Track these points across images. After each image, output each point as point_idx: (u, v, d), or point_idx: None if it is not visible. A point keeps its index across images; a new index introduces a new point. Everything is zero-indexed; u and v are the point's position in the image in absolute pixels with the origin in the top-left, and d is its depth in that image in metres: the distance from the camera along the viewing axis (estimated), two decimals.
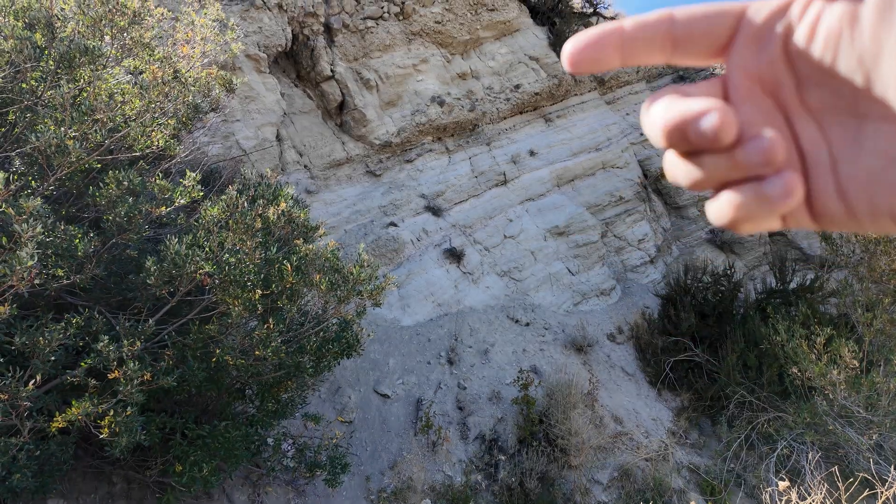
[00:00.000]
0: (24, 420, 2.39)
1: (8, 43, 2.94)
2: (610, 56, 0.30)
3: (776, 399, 5.28)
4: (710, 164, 0.27)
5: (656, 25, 0.30)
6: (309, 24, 6.54)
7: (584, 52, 0.30)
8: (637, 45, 0.30)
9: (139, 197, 2.91)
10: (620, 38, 0.30)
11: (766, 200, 0.26)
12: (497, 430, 4.65)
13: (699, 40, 0.30)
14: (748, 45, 0.29)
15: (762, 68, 0.29)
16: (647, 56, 0.30)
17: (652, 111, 0.29)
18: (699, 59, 0.31)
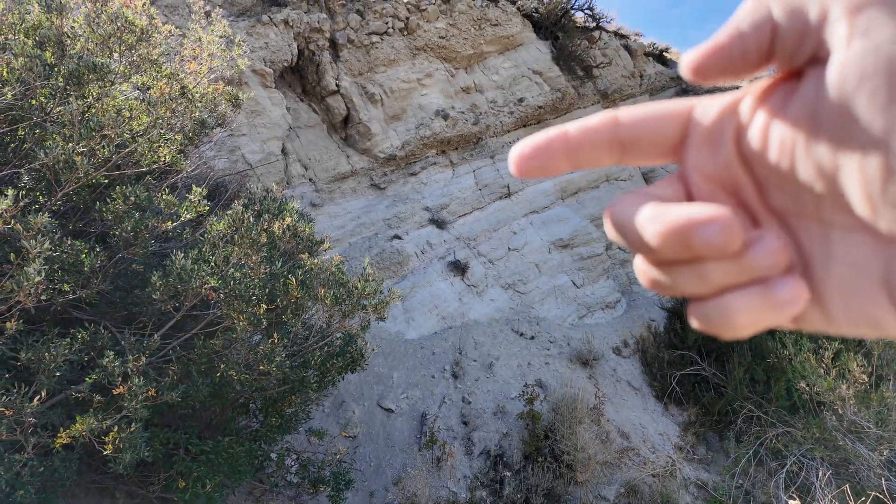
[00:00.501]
0: (28, 436, 2.38)
1: (18, 61, 2.99)
2: (557, 162, 0.29)
3: (784, 414, 5.22)
4: (707, 271, 0.26)
5: (601, 130, 0.29)
6: (314, 39, 6.61)
7: (531, 160, 0.30)
8: (584, 151, 0.29)
9: (146, 212, 2.93)
10: (566, 144, 0.29)
11: (778, 304, 0.25)
12: (502, 446, 4.61)
13: (647, 143, 0.29)
14: (700, 147, 0.28)
15: (719, 170, 0.28)
16: (595, 160, 0.30)
17: (634, 216, 0.27)
18: (650, 160, 0.30)
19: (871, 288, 0.23)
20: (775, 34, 0.24)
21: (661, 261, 0.27)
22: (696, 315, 0.27)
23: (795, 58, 0.24)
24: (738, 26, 0.25)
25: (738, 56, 0.25)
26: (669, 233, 0.25)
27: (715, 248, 0.24)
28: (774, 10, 0.24)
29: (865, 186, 0.22)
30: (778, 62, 0.25)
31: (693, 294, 0.27)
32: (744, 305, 0.25)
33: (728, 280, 0.25)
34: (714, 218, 0.24)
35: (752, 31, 0.25)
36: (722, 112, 0.28)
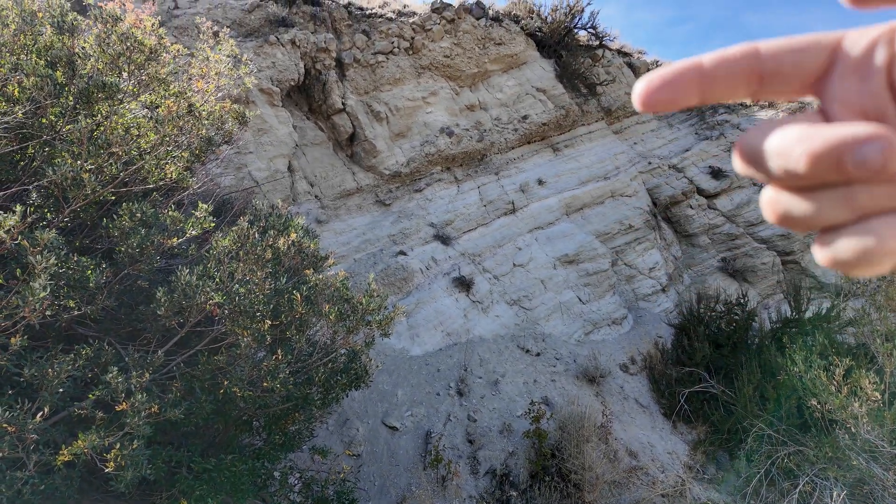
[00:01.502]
0: (30, 453, 2.36)
1: (30, 80, 3.04)
2: (688, 94, 0.29)
3: (796, 432, 5.12)
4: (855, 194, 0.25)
5: (740, 60, 0.28)
6: (321, 59, 6.71)
7: (660, 92, 0.29)
8: (719, 82, 0.28)
9: (151, 228, 2.94)
10: (700, 74, 0.28)
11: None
12: (508, 465, 4.54)
13: (789, 75, 0.28)
14: (847, 78, 0.27)
15: (865, 101, 0.27)
16: (729, 93, 0.29)
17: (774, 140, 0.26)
18: (787, 93, 0.29)
19: None
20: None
21: (801, 187, 0.26)
22: (831, 245, 0.26)
23: None
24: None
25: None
26: (823, 152, 0.24)
27: (874, 167, 0.23)
28: None
29: None
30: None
31: (832, 223, 0.26)
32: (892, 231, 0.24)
33: (877, 204, 0.24)
34: (875, 136, 0.23)
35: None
36: (875, 40, 0.27)
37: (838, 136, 0.23)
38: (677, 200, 9.07)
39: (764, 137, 0.26)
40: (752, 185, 9.31)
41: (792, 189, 0.26)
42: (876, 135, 0.23)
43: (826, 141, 0.24)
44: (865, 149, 0.23)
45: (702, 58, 0.29)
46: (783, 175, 0.26)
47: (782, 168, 0.25)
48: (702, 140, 9.85)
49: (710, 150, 9.58)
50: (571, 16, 9.00)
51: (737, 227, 8.99)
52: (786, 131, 0.26)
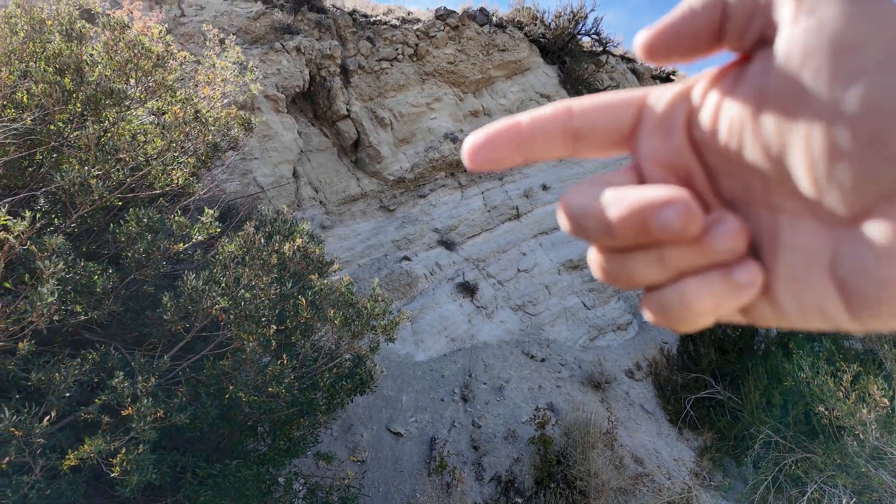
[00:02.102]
0: (36, 457, 2.37)
1: (38, 87, 3.07)
2: (510, 154, 0.29)
3: (803, 439, 5.08)
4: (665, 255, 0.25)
5: (554, 120, 0.29)
6: (326, 65, 6.75)
7: (482, 153, 0.29)
8: (537, 142, 0.29)
9: (158, 234, 2.96)
10: (518, 135, 0.29)
11: (737, 288, 0.24)
12: (513, 471, 4.52)
13: (601, 132, 0.29)
14: (653, 134, 0.28)
15: (671, 157, 0.27)
16: (548, 151, 0.29)
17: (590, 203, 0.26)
18: (603, 150, 0.30)
19: (819, 276, 0.23)
20: (725, 12, 0.24)
21: (618, 248, 0.27)
22: (653, 304, 0.26)
23: (745, 38, 0.24)
24: (690, 4, 0.25)
25: (689, 35, 0.26)
26: (628, 216, 0.24)
27: (674, 230, 0.23)
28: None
29: (811, 165, 0.21)
30: (728, 43, 0.25)
31: (650, 282, 0.26)
32: (703, 289, 0.25)
33: (687, 264, 0.25)
34: (673, 199, 0.23)
35: (703, 9, 0.25)
36: (675, 97, 0.28)
37: (640, 201, 0.24)
38: None
39: (583, 198, 0.27)
40: None
41: (612, 250, 0.27)
42: (673, 198, 0.23)
43: (630, 205, 0.24)
44: (665, 213, 0.23)
45: (520, 117, 0.29)
46: (599, 237, 0.26)
47: (596, 231, 0.26)
48: None
49: None
50: (575, 22, 9.03)
51: None
52: (600, 194, 0.26)
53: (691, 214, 0.23)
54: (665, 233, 0.23)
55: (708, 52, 0.26)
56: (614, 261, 0.27)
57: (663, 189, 0.24)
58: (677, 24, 0.26)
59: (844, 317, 0.22)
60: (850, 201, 0.21)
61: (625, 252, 0.26)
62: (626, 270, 0.27)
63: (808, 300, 0.23)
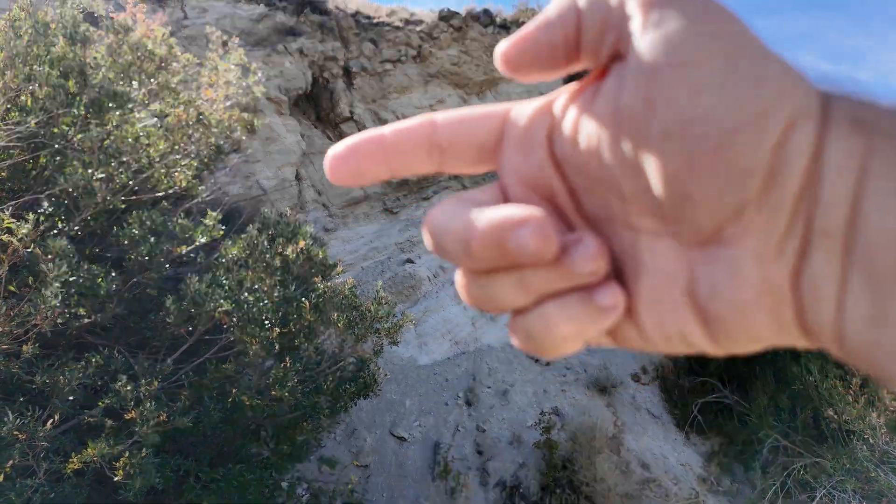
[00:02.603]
0: (40, 461, 2.36)
1: (42, 90, 3.07)
2: (373, 167, 0.28)
3: (812, 443, 5.05)
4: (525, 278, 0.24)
5: (418, 132, 0.28)
6: (329, 67, 6.77)
7: (346, 164, 0.28)
8: (400, 154, 0.28)
9: (161, 236, 2.96)
10: (381, 146, 0.27)
11: (599, 311, 0.23)
12: (519, 476, 4.50)
13: (464, 147, 0.28)
14: (516, 150, 0.27)
15: (533, 174, 0.26)
16: (413, 165, 0.28)
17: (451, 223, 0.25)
18: (470, 166, 0.29)
19: (678, 300, 0.22)
20: (580, 24, 0.24)
21: (480, 271, 0.25)
22: (517, 330, 0.25)
23: (600, 51, 0.24)
24: (546, 14, 0.25)
25: (546, 47, 0.25)
26: (485, 237, 0.23)
27: (530, 251, 0.22)
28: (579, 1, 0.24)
29: (663, 183, 0.21)
30: (585, 56, 0.25)
31: (514, 306, 0.25)
32: (564, 313, 0.24)
33: (547, 287, 0.24)
34: (527, 219, 0.22)
35: (559, 20, 0.24)
36: (536, 112, 0.27)
37: (495, 221, 0.23)
38: None
39: (444, 217, 0.26)
40: None
41: (474, 272, 0.26)
42: (526, 218, 0.22)
43: (486, 226, 0.23)
44: (519, 233, 0.22)
45: (384, 129, 0.28)
46: (459, 259, 0.25)
47: (457, 251, 0.25)
48: None
49: None
50: None
51: None
52: (459, 213, 0.25)
53: (545, 235, 0.22)
54: (520, 254, 0.22)
55: (567, 67, 0.25)
56: (477, 283, 0.26)
57: (518, 208, 0.23)
58: (533, 35, 0.25)
59: (705, 341, 0.22)
60: (701, 221, 0.21)
61: (487, 274, 0.25)
62: (489, 293, 0.26)
63: (670, 324, 0.23)
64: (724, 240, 0.21)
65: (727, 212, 0.20)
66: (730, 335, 0.21)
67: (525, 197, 0.27)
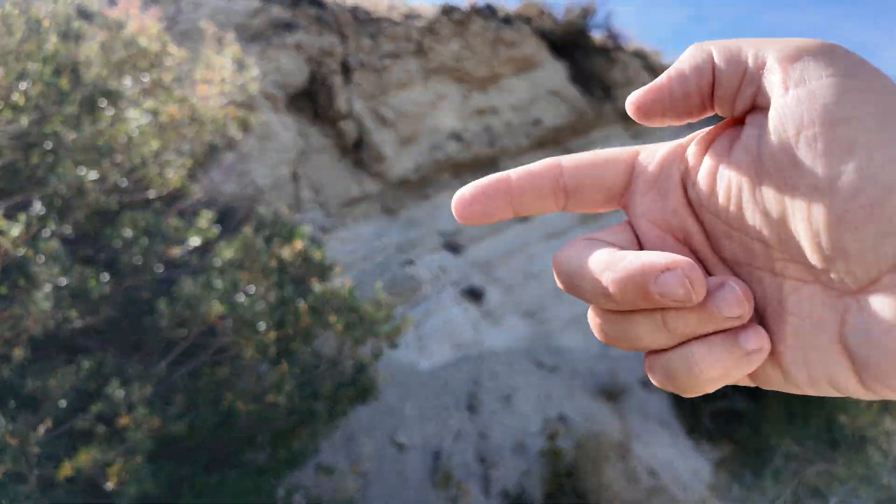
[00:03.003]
0: (32, 467, 2.35)
1: (35, 88, 3.08)
2: (499, 208, 0.29)
3: (825, 450, 5.07)
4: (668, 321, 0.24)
5: (543, 175, 0.29)
6: (326, 63, 6.78)
7: (473, 207, 0.29)
8: (526, 196, 0.29)
9: (154, 237, 2.98)
10: (507, 189, 0.29)
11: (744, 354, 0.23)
12: (522, 485, 4.48)
13: (591, 190, 0.29)
14: (647, 194, 0.28)
15: (667, 217, 0.27)
16: (539, 206, 0.29)
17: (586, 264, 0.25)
18: (596, 207, 0.30)
19: (828, 346, 0.22)
20: (715, 78, 0.25)
21: (617, 312, 0.26)
22: (656, 369, 0.26)
23: (737, 103, 0.25)
24: (680, 67, 0.26)
25: (680, 97, 0.26)
26: (627, 281, 0.24)
27: (676, 296, 0.22)
28: (715, 54, 0.25)
29: (813, 236, 0.21)
30: (720, 107, 0.26)
31: (653, 347, 0.26)
32: (710, 357, 0.24)
33: (690, 330, 0.24)
34: (672, 265, 0.23)
35: (693, 74, 0.25)
36: (667, 157, 0.28)
37: (638, 266, 0.23)
38: None
39: (577, 258, 0.26)
40: None
41: (611, 313, 0.26)
42: (673, 264, 0.23)
43: (627, 271, 0.24)
44: (665, 279, 0.23)
45: (510, 172, 0.30)
46: (599, 300, 0.26)
47: (595, 294, 0.25)
48: None
49: None
50: (585, 16, 9.05)
51: None
52: (596, 254, 0.26)
53: (694, 280, 0.22)
54: (666, 299, 0.23)
55: (700, 115, 0.27)
56: (613, 323, 0.27)
57: (662, 254, 0.24)
58: (667, 86, 0.26)
59: (857, 387, 0.22)
60: (856, 272, 0.21)
61: (624, 315, 0.26)
62: (627, 334, 0.26)
63: (818, 369, 0.23)
64: (882, 287, 0.21)
65: (885, 265, 0.20)
66: (886, 382, 0.21)
67: (659, 239, 0.28)
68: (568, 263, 0.27)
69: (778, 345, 0.24)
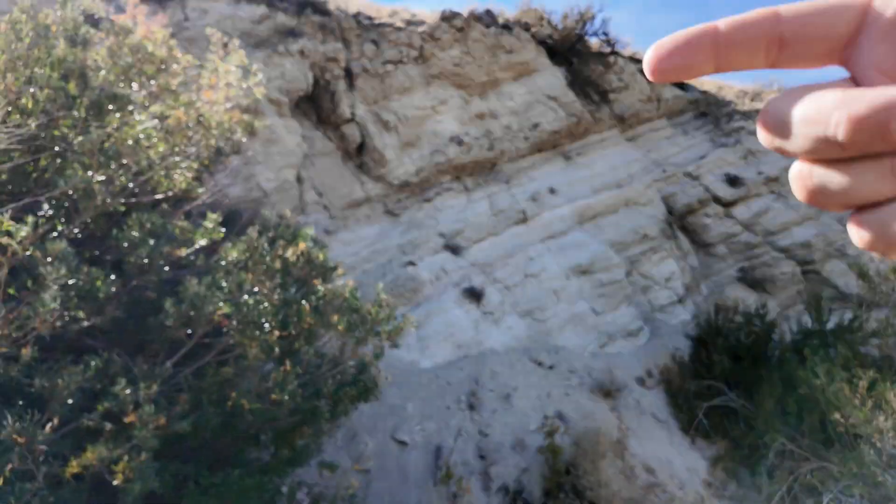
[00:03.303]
0: (39, 465, 2.35)
1: (43, 93, 3.07)
2: (703, 60, 0.26)
3: (819, 447, 5.01)
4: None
5: (760, 24, 0.26)
6: (330, 68, 6.78)
7: (672, 58, 0.26)
8: (736, 47, 0.26)
9: (160, 239, 2.96)
10: (715, 39, 0.26)
11: None
12: (521, 481, 4.47)
13: (814, 38, 0.26)
14: (881, 41, 0.25)
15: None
16: (747, 60, 0.26)
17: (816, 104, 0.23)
18: (811, 61, 0.27)
19: None
20: None
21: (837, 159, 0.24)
22: (872, 224, 0.24)
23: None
24: None
25: None
26: (867, 117, 0.21)
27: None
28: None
29: None
30: None
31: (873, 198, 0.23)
32: None
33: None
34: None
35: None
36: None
37: (885, 99, 0.21)
38: (693, 209, 8.94)
39: (794, 104, 0.24)
40: (770, 193, 9.15)
41: (826, 161, 0.24)
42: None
43: (870, 104, 0.21)
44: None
45: (717, 22, 0.27)
46: (818, 145, 0.23)
47: (817, 137, 0.23)
48: (717, 147, 9.72)
49: (727, 158, 9.44)
50: (583, 22, 9.01)
51: (755, 236, 8.83)
52: (820, 96, 0.23)
53: None
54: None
55: None
56: (833, 174, 0.24)
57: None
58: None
59: None
60: None
61: (844, 163, 0.23)
62: (847, 185, 0.24)
63: None
64: None
65: None
66: None
67: None
68: (783, 109, 0.25)
69: None
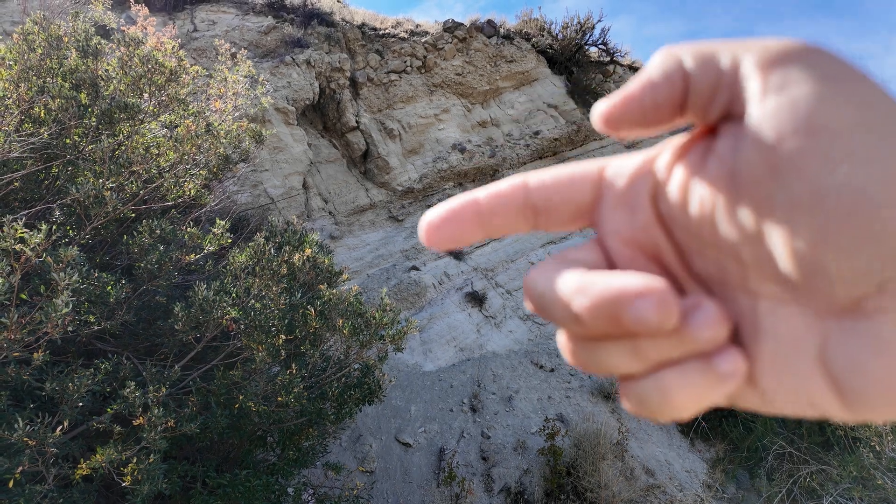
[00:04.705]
0: (49, 467, 2.39)
1: (55, 102, 3.13)
2: (470, 230, 0.27)
3: (818, 450, 4.99)
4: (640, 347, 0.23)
5: (512, 195, 0.27)
6: (335, 78, 6.83)
7: (442, 231, 0.27)
8: (496, 217, 0.27)
9: (170, 245, 2.99)
10: (477, 210, 0.27)
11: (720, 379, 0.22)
12: (523, 483, 4.47)
13: (559, 208, 0.27)
14: (616, 210, 0.26)
15: (637, 234, 0.25)
16: (510, 227, 0.28)
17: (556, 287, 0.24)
18: (566, 225, 0.28)
19: (806, 366, 0.21)
20: (687, 84, 0.23)
21: (588, 337, 0.24)
22: (629, 396, 0.24)
23: (710, 110, 0.23)
24: (650, 75, 0.24)
25: (651, 107, 0.24)
26: (598, 307, 0.22)
27: (650, 324, 0.21)
28: (686, 60, 0.23)
29: (793, 253, 0.19)
30: (692, 115, 0.24)
31: (625, 373, 0.24)
32: (684, 382, 0.22)
33: (664, 356, 0.23)
34: (647, 291, 0.21)
35: (664, 81, 0.23)
36: (637, 171, 0.26)
37: (611, 290, 0.22)
38: None
39: (547, 281, 0.25)
40: None
41: (581, 338, 0.25)
42: (648, 290, 0.21)
43: (601, 295, 0.22)
44: (639, 304, 0.21)
45: (478, 193, 0.28)
46: (569, 324, 0.24)
47: (566, 319, 0.24)
48: None
49: None
50: (582, 32, 9.06)
51: None
52: (565, 278, 0.24)
53: (668, 307, 0.21)
54: (639, 326, 0.21)
55: (670, 124, 0.25)
56: (585, 348, 0.25)
57: (635, 278, 0.22)
58: (637, 96, 0.24)
59: (837, 409, 0.21)
60: (838, 293, 0.19)
61: (596, 340, 0.24)
62: (598, 360, 0.24)
63: (796, 391, 0.21)
64: (865, 312, 0.19)
65: (868, 286, 0.19)
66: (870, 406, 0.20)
67: (630, 256, 0.26)
68: (538, 287, 0.25)
69: (755, 366, 0.22)
